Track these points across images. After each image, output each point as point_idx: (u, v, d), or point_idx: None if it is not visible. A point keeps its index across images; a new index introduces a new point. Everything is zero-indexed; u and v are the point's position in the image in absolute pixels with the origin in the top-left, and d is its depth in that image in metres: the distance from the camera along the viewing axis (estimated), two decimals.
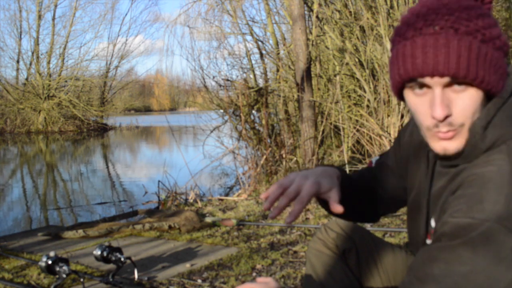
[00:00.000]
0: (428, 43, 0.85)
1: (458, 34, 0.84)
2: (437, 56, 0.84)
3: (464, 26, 0.84)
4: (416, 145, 1.08)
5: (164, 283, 2.60)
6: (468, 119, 0.87)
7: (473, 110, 0.86)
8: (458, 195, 0.86)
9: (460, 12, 0.85)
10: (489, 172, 0.84)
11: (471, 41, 0.84)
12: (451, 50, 0.83)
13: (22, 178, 9.95)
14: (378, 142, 5.86)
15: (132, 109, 36.97)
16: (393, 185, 1.21)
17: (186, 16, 10.97)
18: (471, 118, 0.87)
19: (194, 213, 4.01)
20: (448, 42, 0.84)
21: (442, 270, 0.81)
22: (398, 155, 1.19)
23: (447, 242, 0.82)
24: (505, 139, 0.86)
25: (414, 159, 1.09)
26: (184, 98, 36.96)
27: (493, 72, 0.85)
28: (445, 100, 0.85)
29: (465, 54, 0.83)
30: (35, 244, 3.56)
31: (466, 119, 0.87)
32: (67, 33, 24.96)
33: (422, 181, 1.05)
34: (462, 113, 0.86)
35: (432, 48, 0.84)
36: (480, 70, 0.84)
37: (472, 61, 0.83)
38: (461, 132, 0.87)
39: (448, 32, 0.84)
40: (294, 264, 2.84)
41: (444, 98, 0.85)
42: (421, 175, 1.05)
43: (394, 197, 1.23)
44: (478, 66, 0.84)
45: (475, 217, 0.80)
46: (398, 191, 1.20)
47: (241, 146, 6.49)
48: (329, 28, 7.11)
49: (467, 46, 0.83)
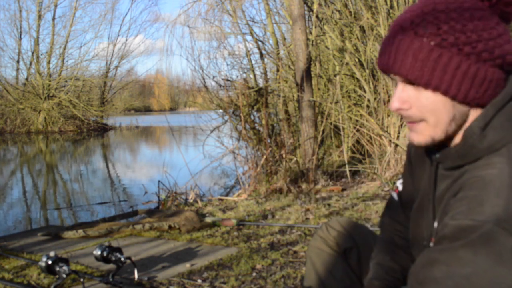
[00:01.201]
0: (388, 41, 0.91)
1: (415, 36, 0.86)
2: (389, 54, 0.90)
3: (423, 29, 0.86)
4: (420, 151, 1.10)
5: (164, 283, 2.60)
6: (428, 117, 0.90)
7: (432, 109, 0.89)
8: (459, 197, 0.87)
9: (430, 15, 0.87)
10: (489, 174, 0.84)
11: (423, 43, 0.86)
12: (399, 50, 0.87)
13: (22, 178, 9.95)
14: (378, 142, 5.86)
15: (132, 109, 36.96)
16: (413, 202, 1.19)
17: (186, 16, 10.98)
18: (433, 117, 0.89)
19: (194, 213, 4.00)
20: (401, 42, 0.88)
21: (443, 272, 0.81)
22: (410, 166, 1.18)
23: (448, 244, 0.82)
24: (505, 142, 0.87)
25: (419, 164, 1.11)
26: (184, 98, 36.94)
27: (450, 77, 0.86)
28: (403, 95, 0.91)
29: (411, 55, 0.86)
30: (35, 244, 3.56)
31: (424, 116, 0.90)
32: (67, 33, 24.97)
33: (426, 184, 1.06)
34: (418, 110, 0.90)
35: (388, 46, 0.90)
36: (427, 72, 0.86)
37: (418, 63, 0.86)
38: (424, 127, 0.91)
39: (407, 33, 0.88)
40: (294, 264, 2.84)
41: (402, 93, 0.91)
42: (425, 178, 1.06)
43: None
44: (425, 68, 0.86)
45: (475, 219, 0.80)
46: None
47: (241, 146, 6.49)
48: (329, 28, 7.11)
49: (416, 47, 0.86)
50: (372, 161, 5.93)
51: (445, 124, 0.90)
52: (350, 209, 4.24)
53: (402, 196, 1.23)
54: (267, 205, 4.56)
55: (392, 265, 1.20)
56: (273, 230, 3.63)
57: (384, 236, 1.27)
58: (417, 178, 1.12)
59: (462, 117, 0.90)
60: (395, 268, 1.19)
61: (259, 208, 4.46)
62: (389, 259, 1.21)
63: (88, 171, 10.67)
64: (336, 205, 4.40)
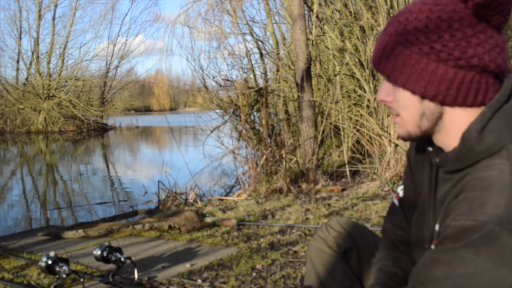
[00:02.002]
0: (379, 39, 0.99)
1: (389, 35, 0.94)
2: (376, 50, 0.98)
3: (394, 30, 0.94)
4: (420, 156, 1.11)
5: (164, 283, 2.60)
6: (403, 112, 0.97)
7: (404, 106, 0.95)
8: (461, 198, 0.87)
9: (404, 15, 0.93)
10: (490, 176, 0.85)
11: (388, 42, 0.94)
12: (378, 46, 0.97)
13: (22, 178, 9.94)
14: (378, 142, 5.86)
15: (132, 109, 36.96)
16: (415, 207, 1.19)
17: (186, 16, 10.98)
18: (405, 112, 0.96)
19: (194, 213, 4.00)
20: (381, 37, 0.96)
21: (445, 273, 0.81)
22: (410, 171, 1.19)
23: (450, 245, 0.83)
24: (504, 144, 0.87)
25: (419, 169, 1.11)
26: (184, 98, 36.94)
27: (417, 76, 0.91)
28: (387, 88, 0.98)
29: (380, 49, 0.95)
30: (35, 244, 3.56)
31: (399, 110, 0.97)
32: (67, 33, 24.96)
33: (426, 188, 1.07)
34: (396, 103, 0.97)
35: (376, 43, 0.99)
36: (396, 68, 0.93)
37: (384, 59, 0.95)
38: (401, 122, 0.98)
39: (384, 33, 0.96)
40: (294, 264, 2.84)
41: (387, 86, 0.98)
42: (426, 182, 1.07)
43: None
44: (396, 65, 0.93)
45: (477, 220, 0.80)
46: None
47: (241, 146, 6.49)
48: (329, 28, 7.11)
49: (390, 46, 0.94)
50: (372, 161, 5.92)
51: (416, 120, 0.95)
52: (350, 209, 4.24)
53: (404, 201, 1.24)
54: (267, 205, 4.56)
55: (394, 270, 1.20)
56: (273, 230, 3.63)
57: (386, 241, 1.27)
58: (418, 182, 1.13)
59: (434, 115, 0.94)
60: (398, 273, 1.19)
61: (259, 208, 4.46)
62: (391, 264, 1.21)
63: (88, 171, 10.67)
64: (336, 205, 4.40)
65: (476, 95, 0.90)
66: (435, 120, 0.95)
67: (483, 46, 0.88)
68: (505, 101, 0.90)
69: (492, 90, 0.91)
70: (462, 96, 0.90)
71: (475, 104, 0.91)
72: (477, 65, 0.88)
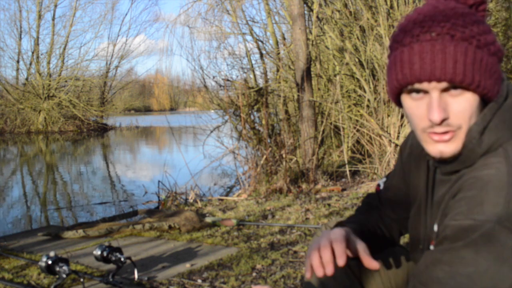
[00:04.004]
0: (425, 49, 0.87)
1: (454, 40, 0.86)
2: (434, 61, 0.86)
3: (460, 32, 0.86)
4: (417, 156, 1.11)
5: (164, 283, 2.60)
6: (465, 122, 0.88)
7: (470, 113, 0.88)
8: (458, 198, 0.87)
9: (456, 18, 0.87)
10: (487, 175, 0.85)
11: (467, 47, 0.86)
12: (447, 56, 0.85)
13: (22, 178, 9.94)
14: (378, 142, 5.86)
15: (132, 109, 36.96)
16: (404, 203, 1.19)
17: (186, 16, 10.99)
18: (469, 121, 0.89)
19: (194, 213, 4.00)
20: (444, 48, 0.86)
21: (446, 273, 0.81)
22: (402, 171, 1.19)
23: (450, 245, 0.83)
24: (501, 142, 0.88)
25: (416, 170, 1.11)
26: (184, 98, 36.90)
27: (489, 77, 0.87)
28: (442, 104, 0.88)
29: (461, 59, 0.85)
30: (35, 244, 3.56)
31: (463, 121, 0.88)
32: (67, 33, 24.95)
33: (422, 189, 1.07)
34: (459, 116, 0.88)
35: (429, 54, 0.86)
36: (476, 75, 0.86)
37: (468, 66, 0.85)
38: (458, 134, 0.89)
39: (444, 38, 0.86)
40: (294, 264, 2.84)
41: (441, 102, 0.88)
42: (422, 184, 1.07)
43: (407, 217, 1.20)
44: (474, 71, 0.86)
45: (476, 219, 0.80)
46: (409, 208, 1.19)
47: (241, 146, 6.49)
48: (329, 28, 7.11)
49: (463, 51, 0.85)
50: (372, 161, 5.92)
51: (469, 125, 0.89)
52: (350, 209, 4.24)
53: (382, 194, 1.27)
54: (267, 205, 4.55)
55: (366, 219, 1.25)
56: (273, 230, 3.63)
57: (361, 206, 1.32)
58: (412, 184, 1.13)
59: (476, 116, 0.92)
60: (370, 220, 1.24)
61: (259, 208, 4.46)
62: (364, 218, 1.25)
63: (88, 171, 10.67)
64: (336, 205, 4.40)
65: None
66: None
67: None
68: (503, 101, 0.91)
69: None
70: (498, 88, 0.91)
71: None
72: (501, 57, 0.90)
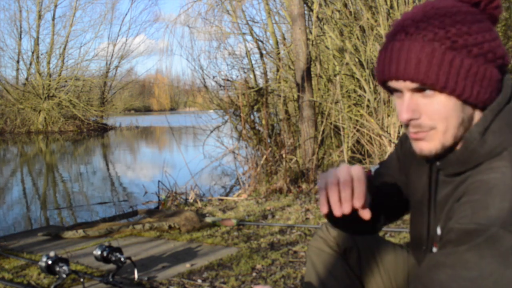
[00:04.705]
0: (395, 48, 0.88)
1: (424, 40, 0.86)
2: (399, 61, 0.87)
3: (432, 33, 0.86)
4: (417, 157, 1.08)
5: (164, 283, 2.60)
6: (440, 123, 0.88)
7: (445, 115, 0.88)
8: (463, 201, 0.87)
9: (436, 19, 0.87)
10: (493, 178, 0.84)
11: (435, 48, 0.85)
12: (412, 56, 0.86)
13: (22, 178, 9.94)
14: (378, 142, 5.86)
15: (132, 109, 36.95)
16: (395, 193, 1.18)
17: (186, 16, 11.00)
18: (445, 122, 0.88)
19: (194, 213, 4.00)
20: (410, 48, 0.86)
21: (449, 276, 0.81)
22: (402, 162, 1.17)
23: (453, 248, 0.82)
24: (506, 146, 0.87)
25: (417, 168, 1.10)
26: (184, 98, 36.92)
27: (463, 79, 0.85)
28: (412, 105, 0.89)
29: (426, 59, 0.85)
30: (35, 244, 3.56)
31: (436, 123, 0.89)
32: (67, 33, 24.95)
33: (423, 189, 1.06)
34: (430, 117, 0.89)
35: (396, 53, 0.87)
36: (442, 76, 0.85)
37: (434, 67, 0.85)
38: (433, 135, 0.90)
39: (414, 38, 0.86)
40: (294, 264, 2.83)
41: (411, 102, 0.89)
42: (424, 183, 1.06)
43: (395, 206, 1.19)
44: (440, 72, 0.85)
45: (480, 223, 0.80)
46: (399, 199, 1.18)
47: (241, 146, 6.48)
48: (329, 28, 7.11)
49: (429, 52, 0.85)
50: (372, 161, 5.92)
51: (455, 129, 0.89)
52: None
53: (373, 180, 1.22)
54: (267, 205, 4.55)
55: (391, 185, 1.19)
56: (273, 230, 3.63)
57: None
58: (412, 180, 1.11)
59: (469, 120, 0.90)
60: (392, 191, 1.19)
61: (259, 208, 4.46)
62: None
63: (88, 171, 10.67)
64: None
65: (496, 94, 0.90)
66: (469, 125, 0.91)
67: (499, 40, 0.89)
68: (506, 103, 0.90)
69: (499, 89, 0.91)
70: (493, 96, 0.89)
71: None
72: (500, 60, 0.88)
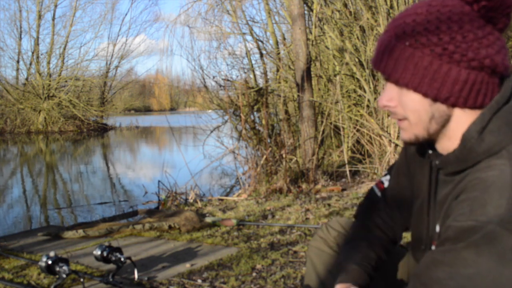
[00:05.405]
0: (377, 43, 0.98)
1: (395, 36, 0.92)
2: (376, 52, 0.97)
3: (401, 30, 0.91)
4: (419, 157, 1.11)
5: (164, 283, 2.60)
6: (410, 115, 0.94)
7: (413, 108, 0.93)
8: (461, 199, 0.87)
9: (415, 16, 0.92)
10: (491, 176, 0.85)
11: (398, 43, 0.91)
12: (380, 47, 0.95)
13: (22, 178, 9.94)
14: (378, 142, 5.86)
15: (132, 109, 36.94)
16: (410, 201, 1.17)
17: (186, 16, 11.00)
18: (414, 115, 0.94)
19: (194, 213, 4.00)
20: (382, 41, 0.94)
21: (447, 273, 0.81)
22: (407, 166, 1.17)
23: (451, 246, 0.83)
24: (504, 145, 0.87)
25: (419, 169, 1.11)
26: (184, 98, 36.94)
27: (420, 76, 0.90)
28: (390, 93, 0.96)
29: (387, 53, 0.92)
30: (35, 244, 3.56)
31: (408, 114, 0.95)
32: (67, 33, 24.94)
33: (425, 189, 1.07)
34: (403, 108, 0.95)
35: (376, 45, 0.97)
36: (399, 70, 0.91)
37: (391, 61, 0.92)
38: (408, 125, 0.96)
39: (389, 33, 0.94)
40: (294, 264, 2.84)
41: (390, 91, 0.96)
42: (424, 184, 1.07)
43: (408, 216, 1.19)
44: (397, 65, 0.92)
45: (478, 220, 0.80)
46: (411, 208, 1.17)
47: (241, 146, 6.48)
48: (329, 28, 7.10)
49: (391, 46, 0.92)
50: (372, 161, 5.93)
51: (425, 123, 0.94)
52: (350, 209, 4.24)
53: (387, 193, 1.24)
54: (267, 205, 4.55)
55: (368, 252, 1.19)
56: (273, 230, 3.63)
57: (361, 223, 1.26)
58: (416, 181, 1.12)
59: (443, 117, 0.93)
60: (371, 256, 1.19)
61: (259, 208, 4.46)
62: (365, 246, 1.20)
63: (88, 171, 10.67)
64: (336, 205, 4.40)
65: (484, 96, 0.91)
66: (443, 122, 0.94)
67: (493, 47, 0.89)
68: (504, 103, 0.90)
69: (496, 91, 0.91)
70: (473, 97, 0.90)
71: (483, 105, 0.91)
72: (489, 66, 0.88)
